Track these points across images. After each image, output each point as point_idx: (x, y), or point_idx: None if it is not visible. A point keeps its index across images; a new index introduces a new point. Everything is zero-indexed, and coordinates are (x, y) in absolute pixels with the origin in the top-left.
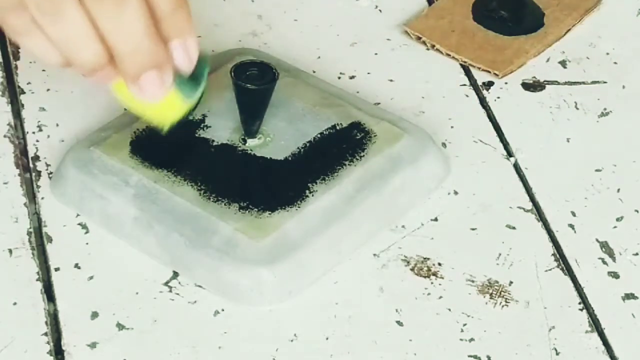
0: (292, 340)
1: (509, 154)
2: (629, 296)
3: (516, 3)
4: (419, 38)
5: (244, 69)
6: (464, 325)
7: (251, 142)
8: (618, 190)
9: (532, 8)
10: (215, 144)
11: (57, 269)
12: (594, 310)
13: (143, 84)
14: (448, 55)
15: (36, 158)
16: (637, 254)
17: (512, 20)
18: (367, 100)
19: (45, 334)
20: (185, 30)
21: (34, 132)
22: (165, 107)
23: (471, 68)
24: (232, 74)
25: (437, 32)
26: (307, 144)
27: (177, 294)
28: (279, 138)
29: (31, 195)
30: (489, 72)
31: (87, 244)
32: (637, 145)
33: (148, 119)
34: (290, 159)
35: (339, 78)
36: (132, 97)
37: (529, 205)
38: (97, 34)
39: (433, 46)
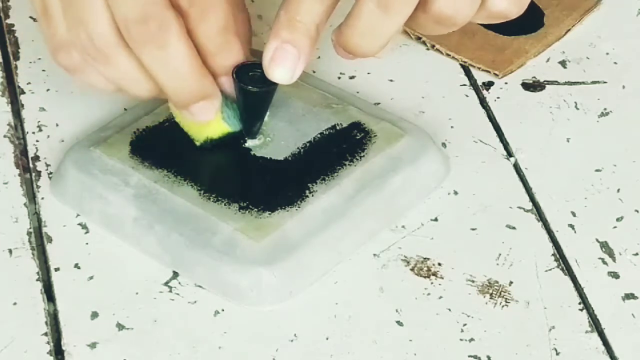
0: (292, 340)
1: (509, 154)
2: (629, 296)
3: None
4: (419, 38)
5: (246, 70)
6: (464, 325)
7: (251, 142)
8: (618, 190)
9: (532, 8)
10: (215, 144)
11: (57, 269)
12: (594, 310)
13: (192, 111)
14: (448, 55)
15: (36, 158)
16: (637, 254)
17: (512, 20)
18: (367, 100)
19: (45, 334)
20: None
21: (34, 132)
22: (207, 126)
23: (471, 68)
24: (235, 75)
25: None
26: (307, 144)
27: (177, 294)
28: (279, 138)
29: (31, 195)
30: (489, 72)
31: (87, 244)
32: (637, 145)
33: (187, 130)
34: (290, 159)
35: (339, 78)
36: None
37: (529, 205)
38: (147, 73)
39: (433, 46)
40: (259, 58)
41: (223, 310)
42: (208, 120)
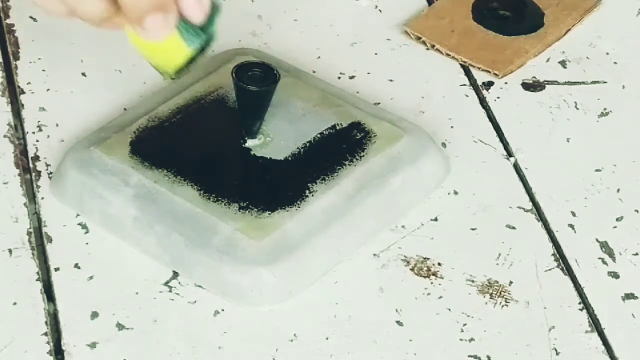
0: (292, 340)
1: (509, 154)
2: (629, 296)
3: (516, 3)
4: (419, 38)
5: (246, 69)
6: (464, 325)
7: (251, 142)
8: (618, 190)
9: (532, 8)
10: (215, 144)
11: (57, 269)
12: (594, 310)
13: (147, 25)
14: (448, 55)
15: (36, 158)
16: (637, 254)
17: (512, 20)
18: (367, 100)
19: (45, 334)
20: None
21: (34, 132)
22: (170, 53)
23: (471, 68)
24: (234, 75)
25: (437, 32)
26: (307, 144)
27: (177, 294)
28: (279, 138)
29: (31, 195)
30: (489, 72)
31: (87, 244)
32: (637, 145)
33: (155, 65)
34: (290, 159)
35: (339, 78)
36: (140, 40)
37: (529, 205)
38: None
39: (433, 46)
40: (258, 58)
41: (223, 310)
42: (165, 40)
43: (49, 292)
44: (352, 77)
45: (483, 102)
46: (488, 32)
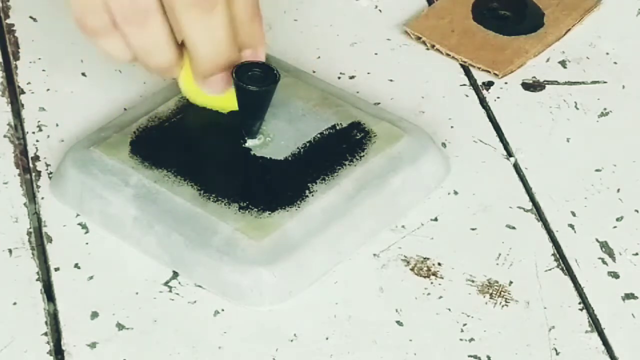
0: (292, 340)
1: (509, 154)
2: (629, 296)
3: (516, 3)
4: (419, 38)
5: (246, 69)
6: (464, 325)
7: (251, 142)
8: (618, 190)
9: (532, 8)
10: (215, 144)
11: (57, 269)
12: (594, 310)
13: (212, 81)
14: (448, 55)
15: (36, 158)
16: (637, 254)
17: (512, 20)
18: (367, 100)
19: (45, 334)
20: (258, 39)
21: (34, 132)
22: (223, 103)
23: (471, 68)
24: (234, 75)
25: (437, 32)
26: (307, 144)
27: (177, 294)
28: (279, 138)
29: (31, 195)
30: (489, 72)
31: (87, 244)
32: (637, 145)
33: (206, 106)
34: (290, 159)
35: (339, 78)
36: (195, 88)
37: (529, 205)
38: (174, 41)
39: (433, 46)
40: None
41: (223, 310)
42: (222, 94)
43: (49, 292)
44: (352, 77)
45: (483, 102)
46: (488, 32)
